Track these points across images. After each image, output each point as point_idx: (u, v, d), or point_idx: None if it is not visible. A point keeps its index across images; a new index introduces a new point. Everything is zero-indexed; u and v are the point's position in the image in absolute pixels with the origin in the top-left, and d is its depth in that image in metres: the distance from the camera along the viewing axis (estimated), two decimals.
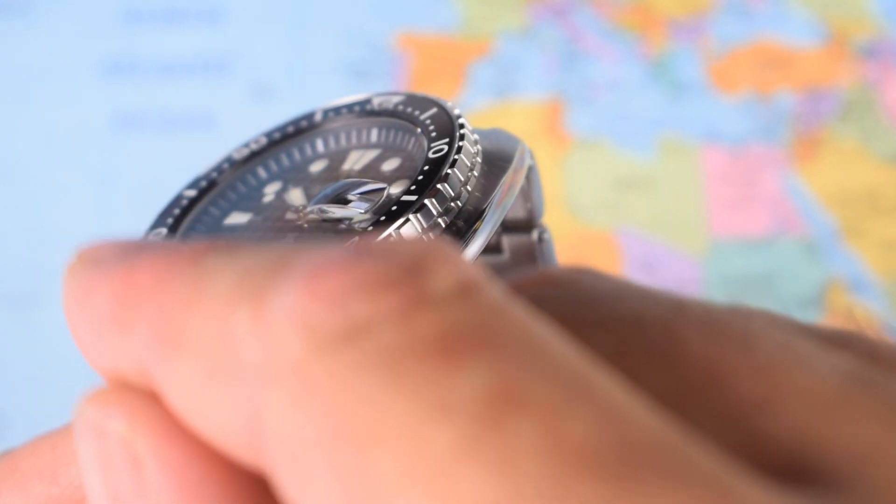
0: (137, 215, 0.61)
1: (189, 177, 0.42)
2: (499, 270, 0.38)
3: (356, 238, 0.29)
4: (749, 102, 0.63)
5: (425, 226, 0.31)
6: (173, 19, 0.64)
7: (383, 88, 0.63)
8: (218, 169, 0.37)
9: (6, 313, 0.60)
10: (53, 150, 0.62)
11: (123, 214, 0.61)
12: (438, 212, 0.31)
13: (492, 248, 0.37)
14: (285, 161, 0.37)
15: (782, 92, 0.63)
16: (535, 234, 0.37)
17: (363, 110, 0.37)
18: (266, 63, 0.63)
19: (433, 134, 0.33)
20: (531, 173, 0.35)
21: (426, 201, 0.31)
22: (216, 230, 0.36)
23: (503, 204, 0.32)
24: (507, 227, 0.37)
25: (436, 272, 0.18)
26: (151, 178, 0.61)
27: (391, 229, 0.31)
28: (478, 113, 0.62)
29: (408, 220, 0.31)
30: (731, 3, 0.64)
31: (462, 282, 0.18)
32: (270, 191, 0.36)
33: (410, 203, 0.31)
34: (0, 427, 0.58)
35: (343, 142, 0.37)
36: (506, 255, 0.38)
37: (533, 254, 0.37)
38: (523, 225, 0.37)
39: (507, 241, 0.37)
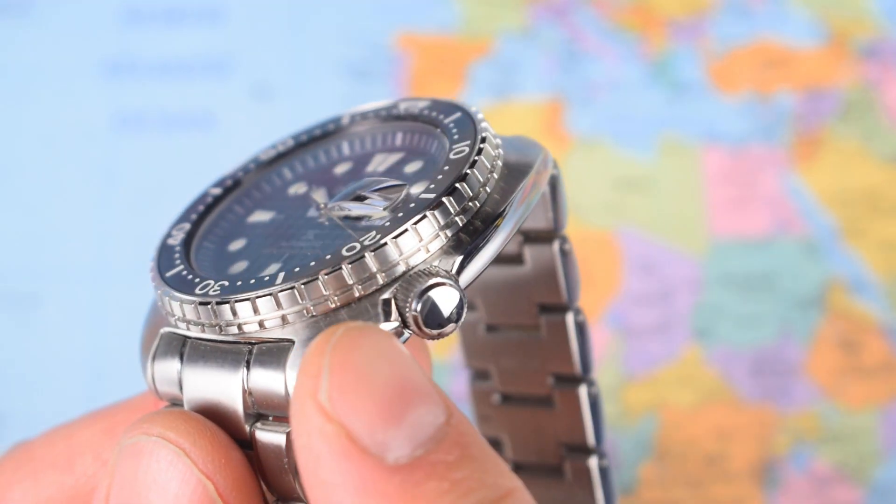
0: (138, 215, 0.61)
1: (190, 176, 0.42)
2: (521, 282, 0.38)
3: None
4: (749, 102, 0.63)
5: (442, 223, 0.31)
6: (173, 19, 0.64)
7: (383, 88, 0.63)
8: (244, 169, 0.38)
9: (6, 313, 0.60)
10: (54, 149, 0.62)
11: (124, 214, 0.61)
12: (455, 210, 0.31)
13: (513, 259, 0.37)
14: (311, 163, 0.37)
15: (782, 92, 0.63)
16: (556, 246, 0.37)
17: (389, 115, 0.37)
18: (266, 63, 0.63)
19: (455, 136, 0.33)
20: (555, 183, 0.35)
21: (444, 199, 0.31)
22: (239, 227, 0.36)
23: (525, 203, 0.32)
24: (529, 237, 0.37)
25: None
26: (152, 177, 0.61)
27: (408, 225, 0.31)
28: None
29: (424, 216, 0.31)
30: (731, 3, 0.64)
31: None
32: (294, 191, 0.37)
33: (428, 200, 0.31)
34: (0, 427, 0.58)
35: (368, 145, 0.37)
36: (527, 266, 0.37)
37: (554, 265, 0.37)
38: (545, 235, 0.37)
39: (528, 252, 0.37)
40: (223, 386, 0.31)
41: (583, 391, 0.39)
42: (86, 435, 0.35)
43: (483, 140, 0.33)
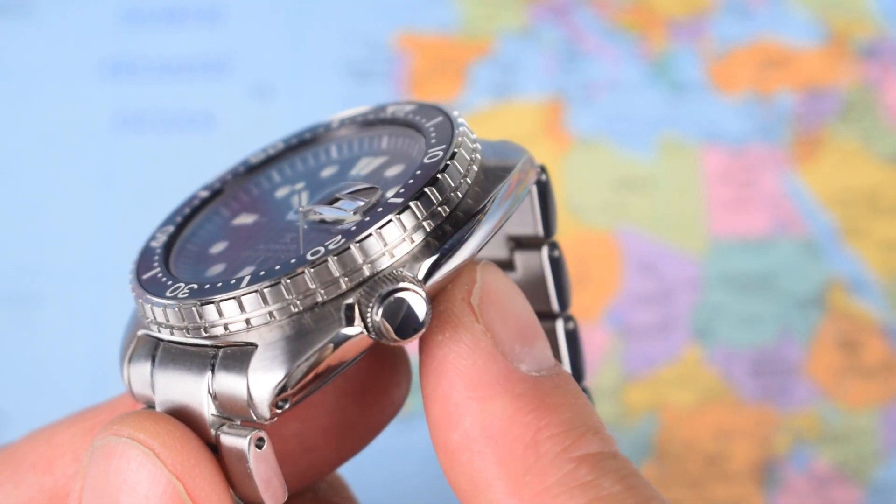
0: (137, 215, 0.61)
1: (190, 176, 0.42)
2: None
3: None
4: (749, 102, 0.63)
5: (408, 227, 0.31)
6: (173, 19, 0.64)
7: (383, 88, 0.63)
8: (233, 172, 0.38)
9: (6, 313, 0.60)
10: (54, 150, 0.62)
11: (123, 214, 0.61)
12: (423, 214, 0.31)
13: (504, 265, 0.37)
14: (299, 166, 0.37)
15: (782, 92, 0.63)
16: (544, 252, 0.37)
17: (377, 118, 0.37)
18: (266, 63, 0.63)
19: (433, 140, 0.33)
20: (545, 189, 0.35)
21: (411, 203, 0.31)
22: (223, 230, 0.36)
23: (505, 205, 0.32)
24: (520, 243, 0.37)
25: None
26: (151, 177, 0.61)
27: (372, 229, 0.31)
28: (478, 113, 0.62)
29: (390, 220, 0.31)
30: (731, 3, 0.64)
31: None
32: (281, 194, 0.37)
33: (395, 205, 0.31)
34: (0, 427, 0.58)
35: (356, 148, 0.37)
36: (518, 273, 0.37)
37: (543, 272, 0.37)
38: (536, 242, 0.37)
39: (519, 259, 0.37)
40: (190, 389, 0.31)
41: None
42: (66, 436, 0.35)
43: (458, 144, 0.32)
